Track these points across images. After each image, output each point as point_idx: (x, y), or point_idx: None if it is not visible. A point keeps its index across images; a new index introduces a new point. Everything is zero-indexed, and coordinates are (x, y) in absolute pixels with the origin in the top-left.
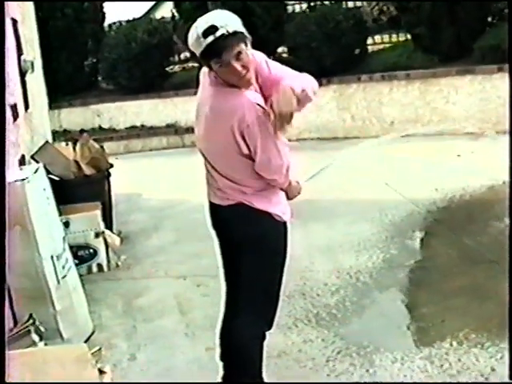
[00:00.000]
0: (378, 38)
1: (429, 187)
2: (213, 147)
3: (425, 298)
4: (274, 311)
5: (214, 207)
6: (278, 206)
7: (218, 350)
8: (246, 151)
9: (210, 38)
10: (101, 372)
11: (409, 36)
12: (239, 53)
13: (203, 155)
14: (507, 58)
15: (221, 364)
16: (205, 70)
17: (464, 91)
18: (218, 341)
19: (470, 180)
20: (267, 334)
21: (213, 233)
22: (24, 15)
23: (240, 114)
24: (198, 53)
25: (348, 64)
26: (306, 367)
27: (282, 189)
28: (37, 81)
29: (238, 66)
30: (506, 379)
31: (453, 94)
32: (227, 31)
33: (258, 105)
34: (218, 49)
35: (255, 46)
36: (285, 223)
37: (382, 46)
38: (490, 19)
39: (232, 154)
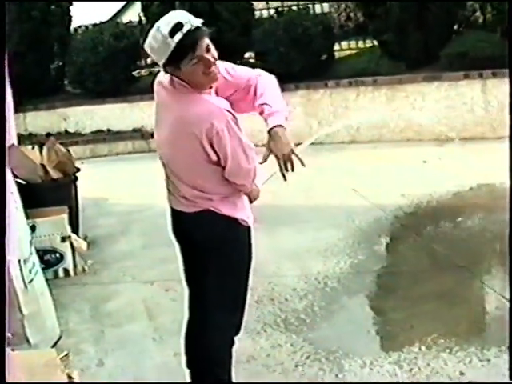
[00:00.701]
0: (345, 44)
1: (396, 193)
2: (179, 156)
3: (393, 304)
4: (241, 316)
5: (177, 214)
6: (243, 211)
7: (184, 357)
8: (214, 158)
9: (179, 35)
10: (69, 377)
11: (376, 42)
12: (208, 45)
13: (163, 163)
14: (507, 63)
15: (188, 371)
16: (160, 79)
17: (430, 98)
18: (183, 347)
19: (437, 186)
20: (235, 339)
21: (174, 239)
22: None
23: (208, 122)
24: (165, 56)
25: (315, 70)
26: (275, 372)
27: (245, 193)
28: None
29: (210, 58)
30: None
31: (419, 100)
32: (192, 25)
33: (227, 110)
34: (191, 43)
35: (222, 51)
36: (249, 228)
37: (348, 52)
38: (456, 27)
39: (199, 162)
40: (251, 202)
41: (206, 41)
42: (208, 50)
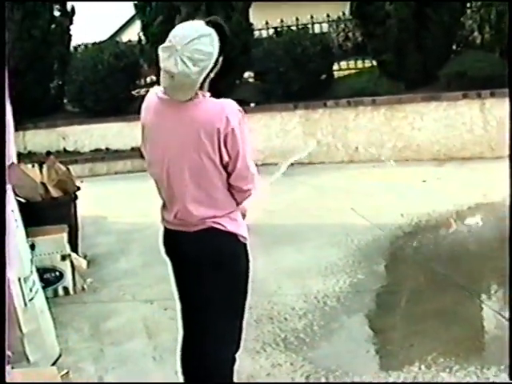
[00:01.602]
0: (344, 63)
1: (395, 212)
2: (191, 161)
3: (393, 323)
4: (240, 333)
5: (174, 234)
6: (242, 227)
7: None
8: (226, 159)
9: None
10: None
11: (374, 62)
12: None
13: (166, 180)
14: (507, 83)
15: None
16: (156, 95)
17: (429, 117)
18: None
19: (436, 205)
20: (236, 357)
21: (167, 258)
22: None
23: (224, 117)
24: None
25: (314, 89)
26: None
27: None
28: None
29: None
30: None
31: (418, 120)
32: None
33: (239, 109)
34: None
35: (222, 70)
36: (245, 244)
37: (347, 72)
38: (455, 47)
39: (211, 165)
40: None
41: None
42: None
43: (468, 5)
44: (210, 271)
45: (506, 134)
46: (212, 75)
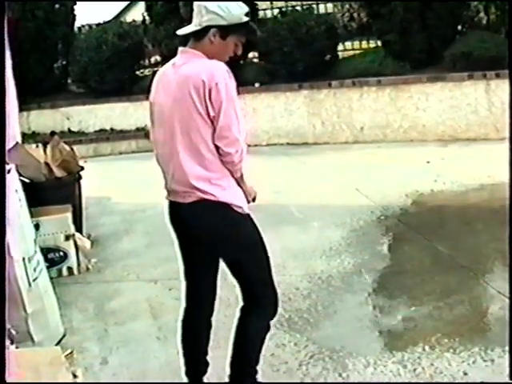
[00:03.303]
0: (348, 44)
1: (399, 193)
2: (181, 115)
3: (397, 303)
4: (276, 299)
5: (174, 205)
6: (237, 197)
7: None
8: (212, 113)
9: (248, 19)
10: (73, 376)
11: (379, 43)
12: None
13: (162, 140)
14: (507, 63)
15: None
16: (174, 61)
17: (434, 98)
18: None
19: (440, 186)
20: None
21: (174, 234)
22: None
23: (210, 72)
24: (229, 22)
25: (319, 70)
26: (279, 371)
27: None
28: (6, 82)
29: (240, 50)
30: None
31: (423, 100)
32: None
33: (229, 75)
34: (251, 31)
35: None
36: (248, 214)
37: (352, 53)
38: (460, 27)
39: (201, 121)
40: (248, 202)
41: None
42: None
43: None
44: (214, 249)
45: (508, 116)
46: (213, 39)
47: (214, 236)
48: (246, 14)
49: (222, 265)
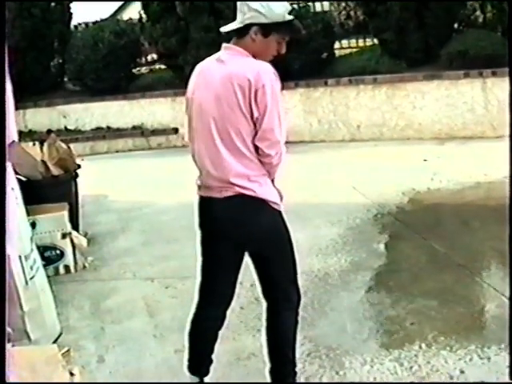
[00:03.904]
0: (345, 42)
1: (396, 191)
2: (225, 112)
3: (393, 301)
4: (299, 292)
5: (206, 201)
6: (274, 194)
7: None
8: (256, 114)
9: (291, 18)
10: (70, 374)
11: (376, 41)
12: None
13: (201, 135)
14: (508, 60)
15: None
16: (217, 56)
17: (431, 96)
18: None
19: (437, 184)
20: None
21: (199, 231)
22: None
23: (257, 72)
24: (272, 20)
25: (315, 68)
26: None
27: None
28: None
29: (284, 48)
30: (475, 381)
31: (419, 99)
32: None
33: (276, 77)
34: (295, 29)
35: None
36: (281, 212)
37: (349, 51)
38: (456, 25)
39: (243, 120)
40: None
41: None
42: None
43: None
44: (245, 244)
45: (507, 115)
46: (255, 37)
47: (248, 230)
48: (290, 13)
49: None
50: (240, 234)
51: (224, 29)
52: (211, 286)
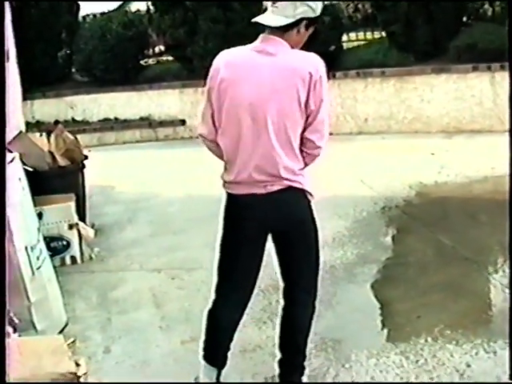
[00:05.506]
0: (353, 35)
1: (403, 184)
2: (283, 106)
3: (400, 294)
4: (316, 285)
5: (243, 199)
6: (311, 187)
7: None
8: (312, 106)
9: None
10: (76, 364)
11: (384, 33)
12: None
13: (246, 130)
14: (508, 56)
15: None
16: (256, 47)
17: (439, 90)
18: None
19: (444, 177)
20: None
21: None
22: None
23: (315, 64)
24: (317, 15)
25: (323, 60)
26: None
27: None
28: (11, 71)
29: None
30: (480, 375)
31: (428, 92)
32: None
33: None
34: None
35: (232, 40)
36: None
37: (357, 43)
38: (465, 19)
39: (298, 113)
40: None
41: None
42: None
43: None
44: (286, 235)
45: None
46: (301, 30)
47: (290, 220)
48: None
49: None
50: (281, 223)
51: (272, 23)
52: (236, 270)
